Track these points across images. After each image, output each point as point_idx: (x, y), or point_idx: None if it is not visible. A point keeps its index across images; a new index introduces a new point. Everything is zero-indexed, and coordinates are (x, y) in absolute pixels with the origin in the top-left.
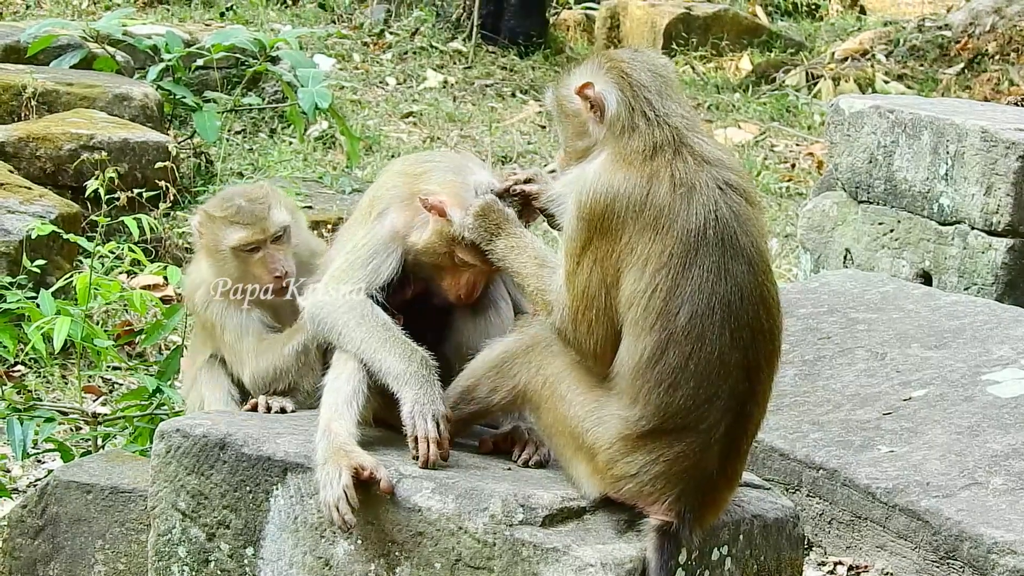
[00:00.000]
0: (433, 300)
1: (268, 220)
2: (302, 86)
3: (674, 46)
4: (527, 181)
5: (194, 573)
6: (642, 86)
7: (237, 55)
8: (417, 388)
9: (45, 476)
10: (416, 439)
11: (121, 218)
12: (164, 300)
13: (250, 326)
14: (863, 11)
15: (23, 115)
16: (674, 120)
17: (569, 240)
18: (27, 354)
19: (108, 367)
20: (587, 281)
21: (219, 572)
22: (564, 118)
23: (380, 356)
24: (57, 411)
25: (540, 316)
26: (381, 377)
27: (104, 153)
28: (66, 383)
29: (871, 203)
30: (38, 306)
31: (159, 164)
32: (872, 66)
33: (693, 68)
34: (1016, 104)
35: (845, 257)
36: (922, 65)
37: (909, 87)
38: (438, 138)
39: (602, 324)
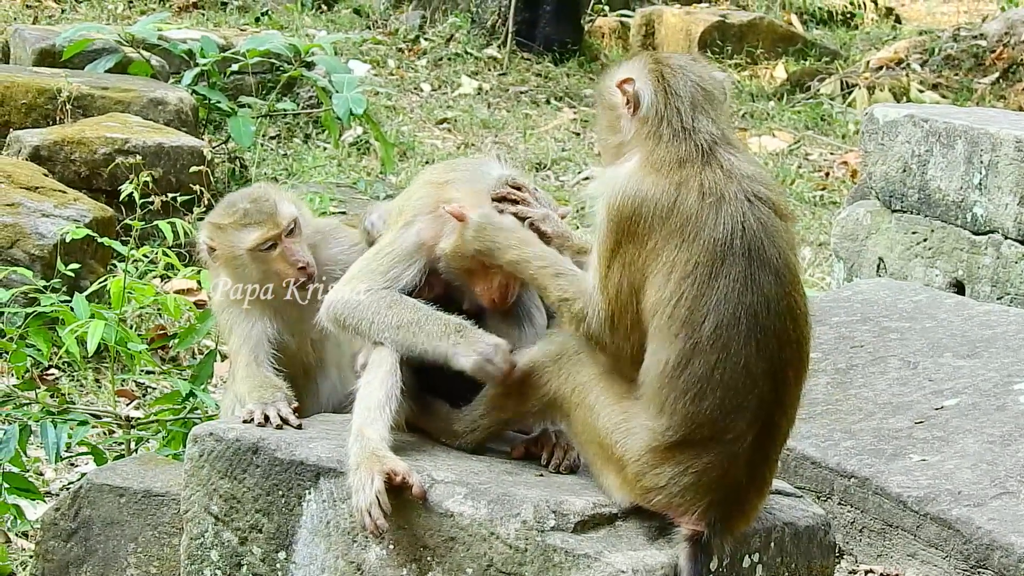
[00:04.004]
0: (465, 307)
1: (278, 214)
2: (337, 91)
3: (709, 54)
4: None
5: None
6: (676, 95)
7: (272, 60)
8: (469, 346)
9: (78, 479)
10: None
11: (155, 222)
12: (198, 304)
13: (252, 337)
14: (898, 20)
15: (58, 119)
16: (700, 137)
17: (600, 243)
18: (61, 357)
19: (142, 371)
20: (618, 285)
21: None
22: (602, 109)
23: (420, 338)
24: (90, 414)
25: (566, 327)
26: (425, 356)
27: (139, 157)
28: (100, 387)
29: (905, 212)
30: (72, 310)
31: (193, 168)
32: (907, 75)
33: None
34: None
35: (878, 266)
36: (957, 74)
37: (944, 96)
38: (472, 144)
39: (638, 329)
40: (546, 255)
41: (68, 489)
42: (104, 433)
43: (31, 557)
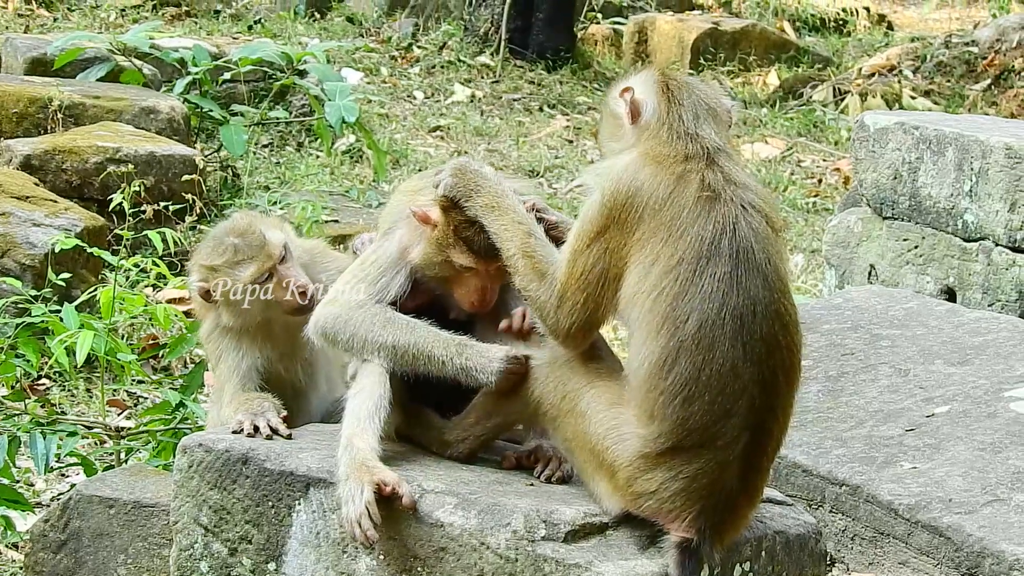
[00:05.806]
0: (451, 315)
1: (268, 244)
2: (329, 100)
3: (702, 61)
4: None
5: None
6: (679, 103)
7: (264, 68)
8: (484, 361)
9: (68, 490)
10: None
11: (147, 231)
12: (188, 314)
13: (241, 369)
14: (890, 27)
15: (49, 128)
16: (704, 141)
17: (586, 221)
18: (51, 367)
19: (133, 381)
20: (591, 266)
21: None
22: (606, 117)
23: (420, 361)
24: (81, 425)
25: (515, 282)
26: (428, 370)
27: (130, 166)
28: (91, 396)
29: (896, 219)
30: (62, 320)
31: (186, 177)
32: (899, 82)
33: (720, 83)
34: None
35: (870, 273)
36: (949, 81)
37: (936, 103)
38: (465, 152)
39: (586, 309)
40: (523, 213)
41: (58, 500)
42: (94, 444)
43: (21, 569)
